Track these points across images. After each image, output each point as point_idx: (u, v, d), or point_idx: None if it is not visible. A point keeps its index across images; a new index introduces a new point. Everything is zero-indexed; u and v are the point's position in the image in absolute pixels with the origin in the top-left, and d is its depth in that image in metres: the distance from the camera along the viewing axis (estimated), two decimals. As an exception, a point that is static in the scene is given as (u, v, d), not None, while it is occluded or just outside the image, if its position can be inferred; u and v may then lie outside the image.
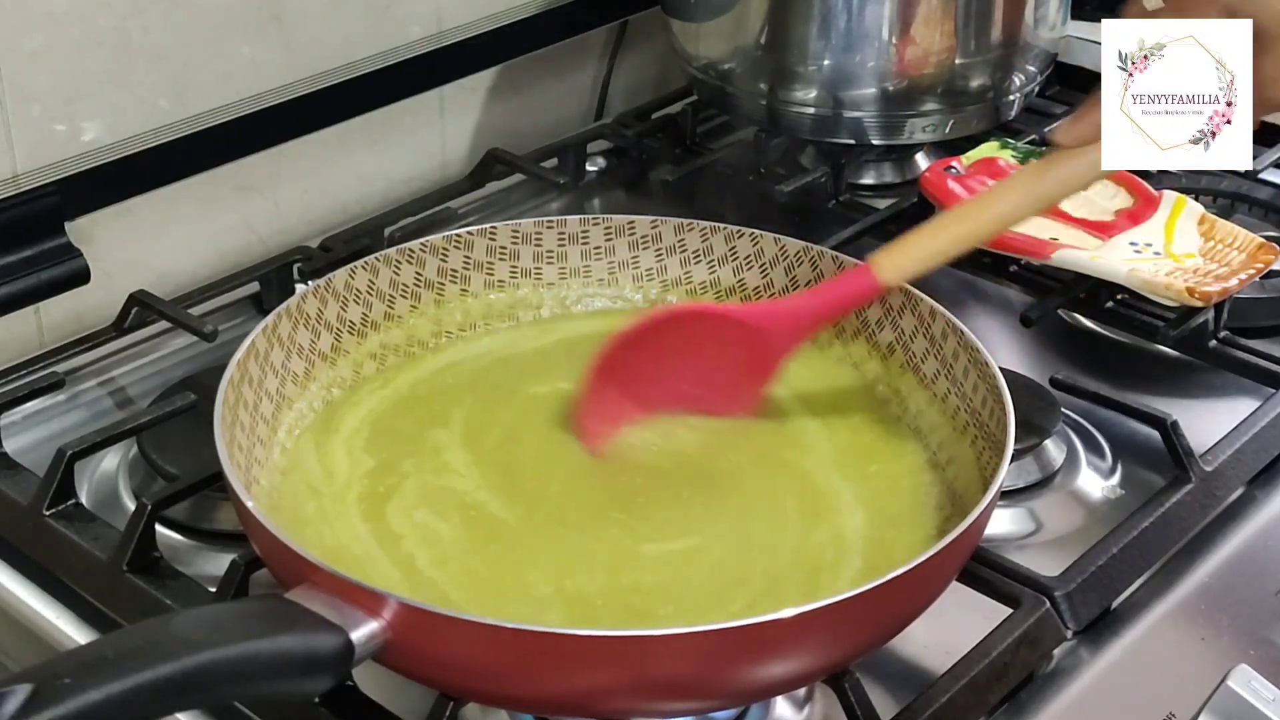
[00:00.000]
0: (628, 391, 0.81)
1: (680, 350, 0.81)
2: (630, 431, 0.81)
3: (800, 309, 0.81)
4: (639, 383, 0.81)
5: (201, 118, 1.04)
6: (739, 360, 0.81)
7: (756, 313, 0.82)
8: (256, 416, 0.77)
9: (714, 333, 0.81)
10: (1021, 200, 0.78)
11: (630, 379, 0.81)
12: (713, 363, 0.81)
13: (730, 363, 0.81)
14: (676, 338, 0.81)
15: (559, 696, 0.65)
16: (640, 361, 0.81)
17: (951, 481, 0.78)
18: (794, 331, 0.80)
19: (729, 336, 0.80)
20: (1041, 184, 0.78)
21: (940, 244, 0.79)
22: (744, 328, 0.80)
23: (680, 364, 0.81)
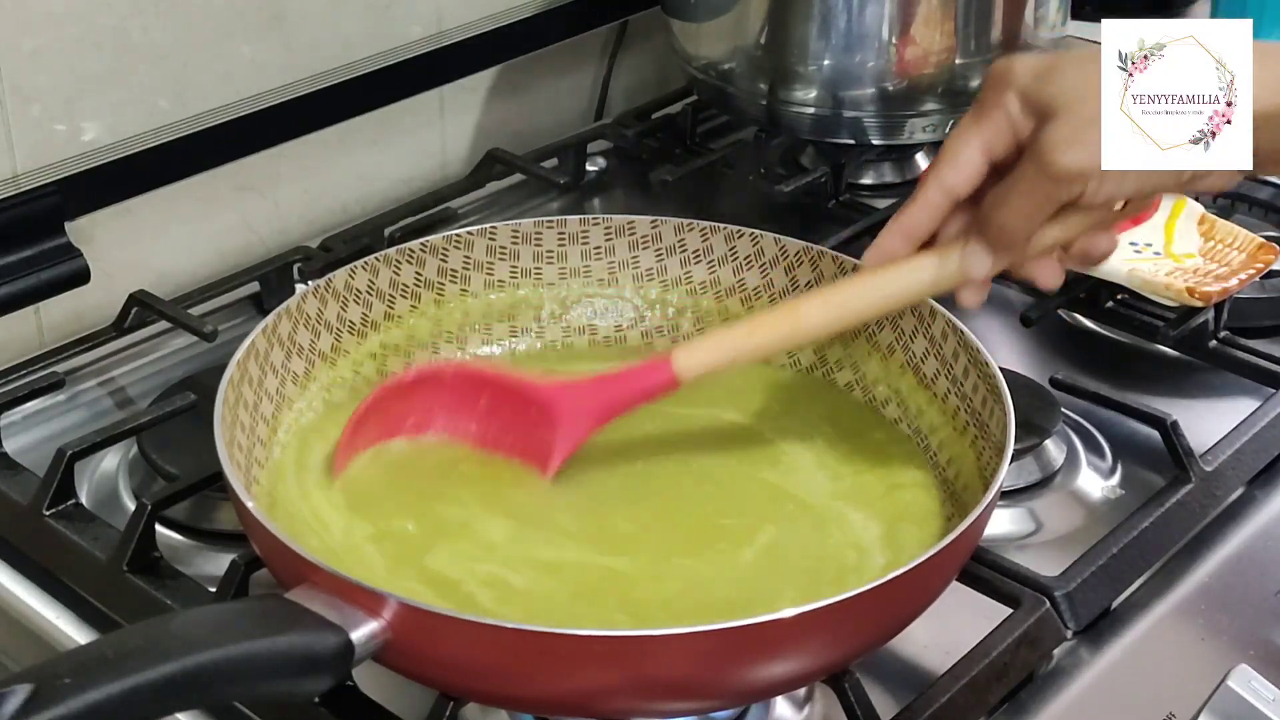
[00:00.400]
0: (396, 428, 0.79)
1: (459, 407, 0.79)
2: (633, 450, 0.81)
3: (594, 396, 0.78)
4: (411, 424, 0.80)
5: (201, 118, 1.04)
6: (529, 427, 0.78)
7: (548, 390, 0.78)
8: (256, 416, 0.77)
9: (504, 401, 0.79)
10: (830, 316, 0.77)
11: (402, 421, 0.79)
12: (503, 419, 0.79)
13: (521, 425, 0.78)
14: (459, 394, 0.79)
15: (559, 696, 0.64)
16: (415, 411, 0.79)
17: (951, 481, 0.78)
18: (585, 416, 0.78)
19: (519, 409, 0.78)
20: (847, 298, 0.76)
21: (741, 347, 0.77)
22: (533, 402, 0.78)
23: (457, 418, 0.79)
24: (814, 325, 0.78)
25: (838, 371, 0.86)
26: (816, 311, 0.77)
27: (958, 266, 0.74)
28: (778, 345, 0.81)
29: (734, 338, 0.78)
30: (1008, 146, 0.71)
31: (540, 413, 0.78)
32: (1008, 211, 0.71)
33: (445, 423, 0.80)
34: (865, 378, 0.85)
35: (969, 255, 0.73)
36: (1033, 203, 0.71)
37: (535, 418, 0.78)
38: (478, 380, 0.80)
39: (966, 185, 0.73)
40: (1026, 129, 0.70)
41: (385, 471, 0.78)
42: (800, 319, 0.77)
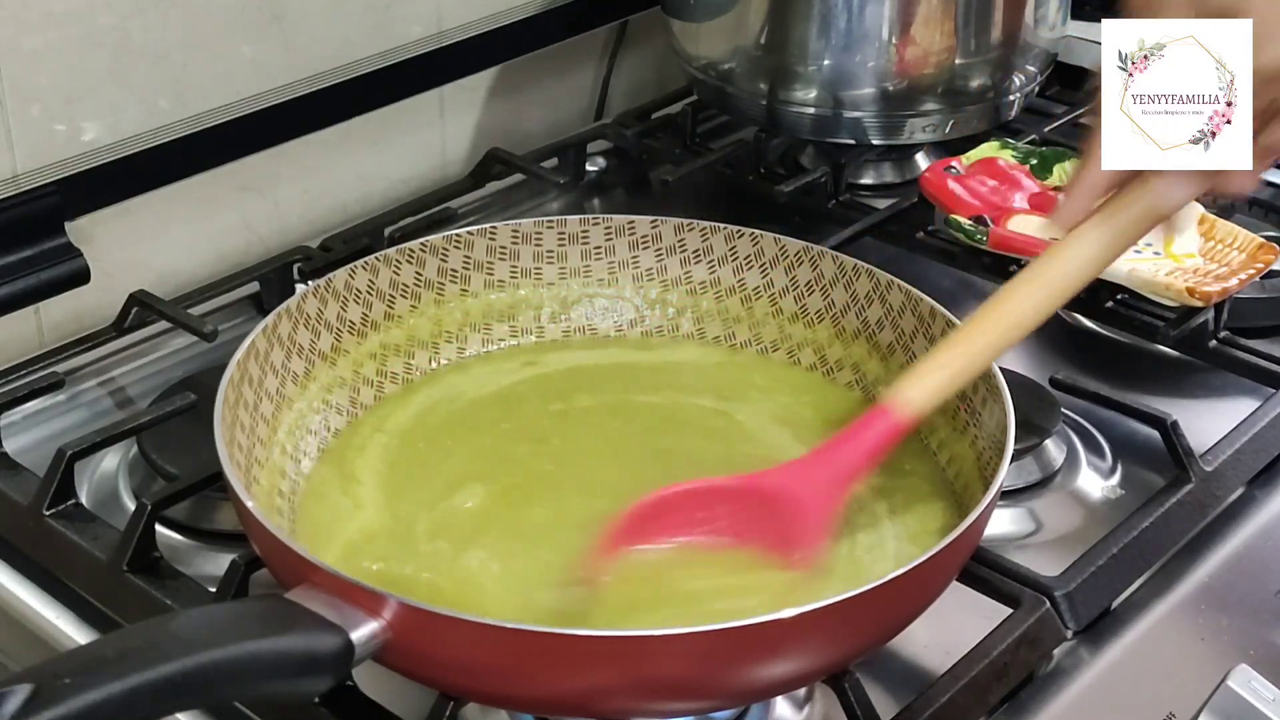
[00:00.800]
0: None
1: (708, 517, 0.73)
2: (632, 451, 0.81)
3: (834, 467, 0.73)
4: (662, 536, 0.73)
5: (201, 118, 1.04)
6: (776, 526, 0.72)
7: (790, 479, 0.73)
8: (256, 416, 0.77)
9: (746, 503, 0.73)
10: (1039, 301, 0.73)
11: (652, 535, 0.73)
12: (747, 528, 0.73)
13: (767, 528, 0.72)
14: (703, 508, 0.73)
15: (559, 696, 0.65)
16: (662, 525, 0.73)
17: (951, 481, 0.78)
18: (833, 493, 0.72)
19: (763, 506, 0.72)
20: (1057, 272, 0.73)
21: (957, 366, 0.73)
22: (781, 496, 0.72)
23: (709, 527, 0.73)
24: (1033, 311, 0.73)
25: (838, 371, 0.87)
26: (1024, 301, 0.73)
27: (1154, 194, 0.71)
28: (1001, 349, 0.74)
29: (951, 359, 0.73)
30: None
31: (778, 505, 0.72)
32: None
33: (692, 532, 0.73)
34: (865, 377, 0.85)
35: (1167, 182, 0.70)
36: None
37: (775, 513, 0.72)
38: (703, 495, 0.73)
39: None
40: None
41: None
42: (1018, 311, 0.73)
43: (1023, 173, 1.08)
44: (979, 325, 0.74)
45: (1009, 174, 1.07)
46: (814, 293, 0.87)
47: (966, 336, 0.74)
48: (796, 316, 0.88)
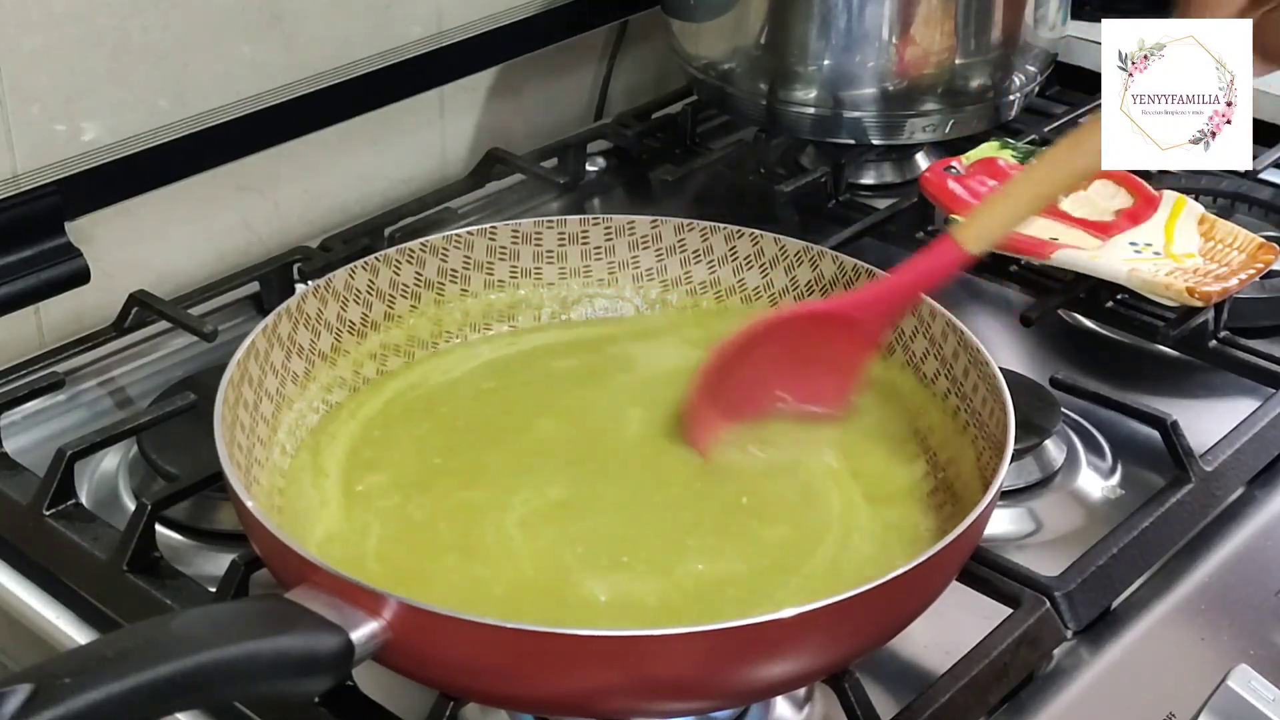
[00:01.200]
0: (726, 399, 0.80)
1: (777, 354, 0.81)
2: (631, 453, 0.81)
3: (890, 292, 0.80)
4: (738, 390, 0.81)
5: (201, 118, 1.04)
6: (832, 356, 0.80)
7: (851, 305, 0.81)
8: (256, 416, 0.77)
9: (810, 333, 0.81)
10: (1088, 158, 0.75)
11: (730, 387, 0.81)
12: (807, 362, 0.81)
13: (824, 359, 0.81)
14: (774, 342, 0.81)
15: (559, 696, 0.65)
16: (740, 370, 0.80)
17: (951, 481, 0.78)
18: (886, 315, 0.80)
19: (824, 334, 0.80)
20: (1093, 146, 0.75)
21: (1017, 205, 0.78)
22: (840, 322, 0.80)
23: (776, 367, 0.81)
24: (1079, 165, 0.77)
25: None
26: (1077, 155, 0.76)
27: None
28: (1048, 194, 0.80)
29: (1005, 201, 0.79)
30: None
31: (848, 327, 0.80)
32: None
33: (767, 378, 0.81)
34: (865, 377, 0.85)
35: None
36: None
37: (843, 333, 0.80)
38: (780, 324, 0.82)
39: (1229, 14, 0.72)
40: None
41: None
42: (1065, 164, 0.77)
43: (1023, 173, 1.08)
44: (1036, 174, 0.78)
45: (1009, 174, 1.07)
46: (814, 293, 0.87)
47: (1025, 183, 0.79)
48: (797, 316, 0.88)
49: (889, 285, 0.80)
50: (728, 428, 0.81)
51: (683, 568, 0.72)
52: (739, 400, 0.81)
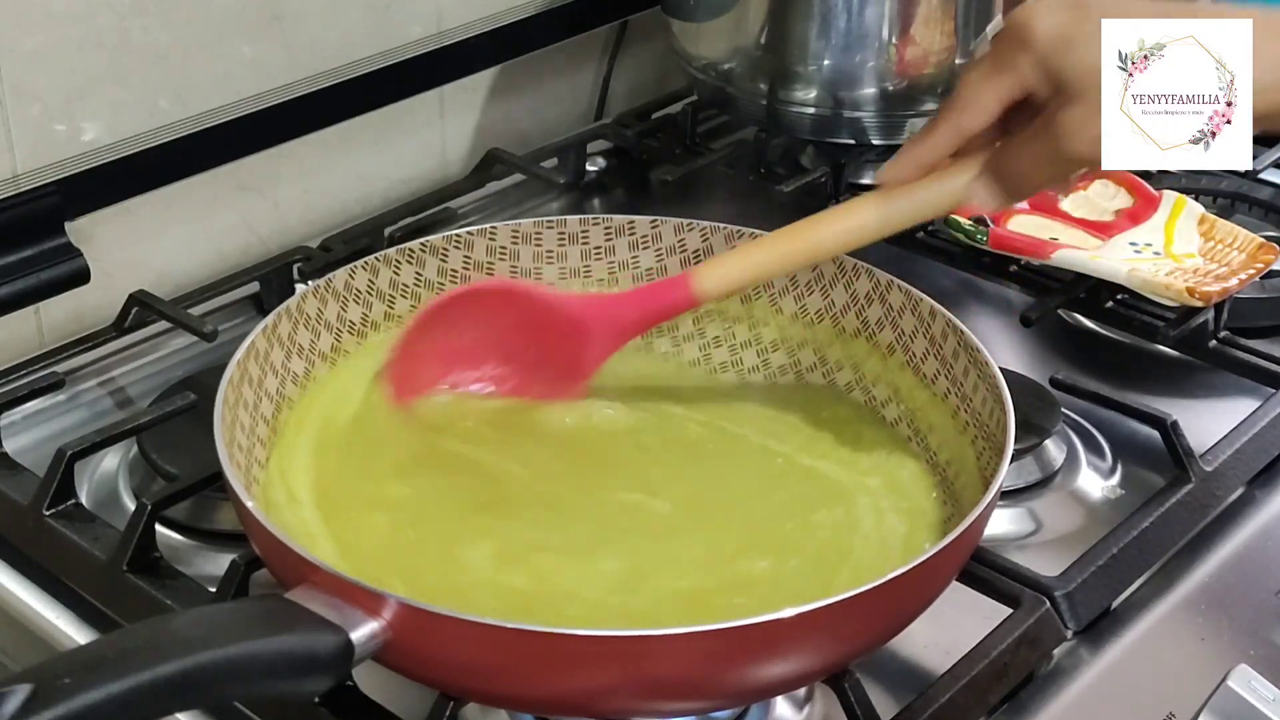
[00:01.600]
0: (442, 357, 0.82)
1: (500, 325, 0.82)
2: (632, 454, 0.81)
3: (621, 310, 0.82)
4: (455, 350, 0.82)
5: (201, 118, 1.04)
6: (556, 348, 0.82)
7: (577, 303, 0.82)
8: (256, 416, 0.77)
9: (534, 315, 0.82)
10: (846, 230, 0.79)
11: (447, 345, 0.82)
12: (531, 344, 0.82)
13: (548, 348, 0.82)
14: (498, 311, 0.82)
15: (559, 696, 0.65)
16: (458, 329, 0.82)
17: (951, 481, 0.78)
18: (613, 332, 0.81)
19: (548, 322, 0.81)
20: (866, 216, 0.78)
21: (761, 260, 0.80)
22: (562, 316, 0.81)
23: (499, 339, 0.82)
24: (831, 240, 0.79)
25: (837, 371, 0.87)
26: (833, 227, 0.79)
27: (965, 190, 0.76)
28: (796, 262, 0.81)
29: (752, 254, 0.80)
30: (1020, 95, 0.73)
31: (569, 326, 0.80)
32: (1020, 171, 0.74)
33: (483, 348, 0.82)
34: (865, 378, 0.85)
35: (979, 189, 0.75)
36: (1045, 172, 0.74)
37: (564, 332, 0.80)
38: (511, 296, 0.83)
39: (978, 126, 0.75)
40: (1043, 91, 0.72)
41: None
42: (818, 234, 0.79)
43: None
44: (790, 236, 0.80)
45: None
46: (814, 293, 0.87)
47: (776, 241, 0.80)
48: (796, 316, 0.88)
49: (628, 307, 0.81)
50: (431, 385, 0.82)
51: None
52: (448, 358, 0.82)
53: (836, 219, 0.79)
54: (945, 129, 0.76)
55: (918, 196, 0.77)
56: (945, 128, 0.76)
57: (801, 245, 0.79)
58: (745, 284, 0.81)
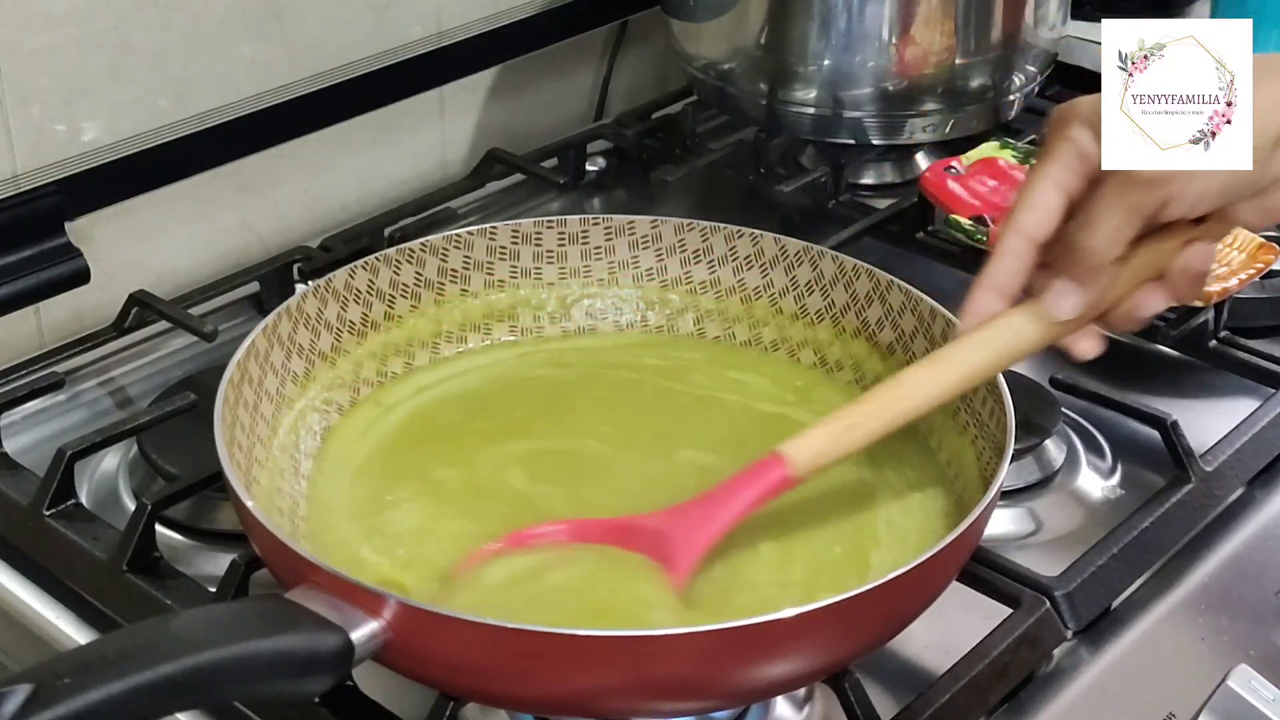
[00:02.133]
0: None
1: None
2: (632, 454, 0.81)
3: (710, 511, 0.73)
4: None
5: (201, 118, 1.04)
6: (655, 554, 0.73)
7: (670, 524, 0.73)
8: (256, 416, 0.77)
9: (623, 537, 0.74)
10: (938, 387, 0.73)
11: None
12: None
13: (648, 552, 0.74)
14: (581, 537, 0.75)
15: (559, 696, 0.65)
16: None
17: (951, 481, 0.78)
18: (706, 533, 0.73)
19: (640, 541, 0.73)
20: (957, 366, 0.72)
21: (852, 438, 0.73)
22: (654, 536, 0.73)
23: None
24: (922, 400, 0.73)
25: (838, 371, 0.87)
26: (923, 386, 0.73)
27: (1051, 299, 0.70)
28: (888, 427, 0.74)
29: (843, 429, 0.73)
30: (1081, 179, 0.69)
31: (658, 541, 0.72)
32: (1092, 231, 0.68)
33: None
34: (866, 377, 0.85)
35: (1054, 293, 0.70)
36: (1119, 216, 0.68)
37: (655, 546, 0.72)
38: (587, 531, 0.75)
39: (1045, 227, 0.70)
40: (1099, 156, 0.69)
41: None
42: (915, 394, 0.73)
43: (1022, 173, 1.08)
44: (880, 402, 0.73)
45: (1009, 174, 1.07)
46: (814, 293, 0.87)
47: (867, 411, 0.73)
48: (796, 316, 0.88)
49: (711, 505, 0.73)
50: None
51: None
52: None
53: (924, 375, 0.73)
54: (1010, 239, 0.70)
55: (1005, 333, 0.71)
56: (1010, 238, 0.70)
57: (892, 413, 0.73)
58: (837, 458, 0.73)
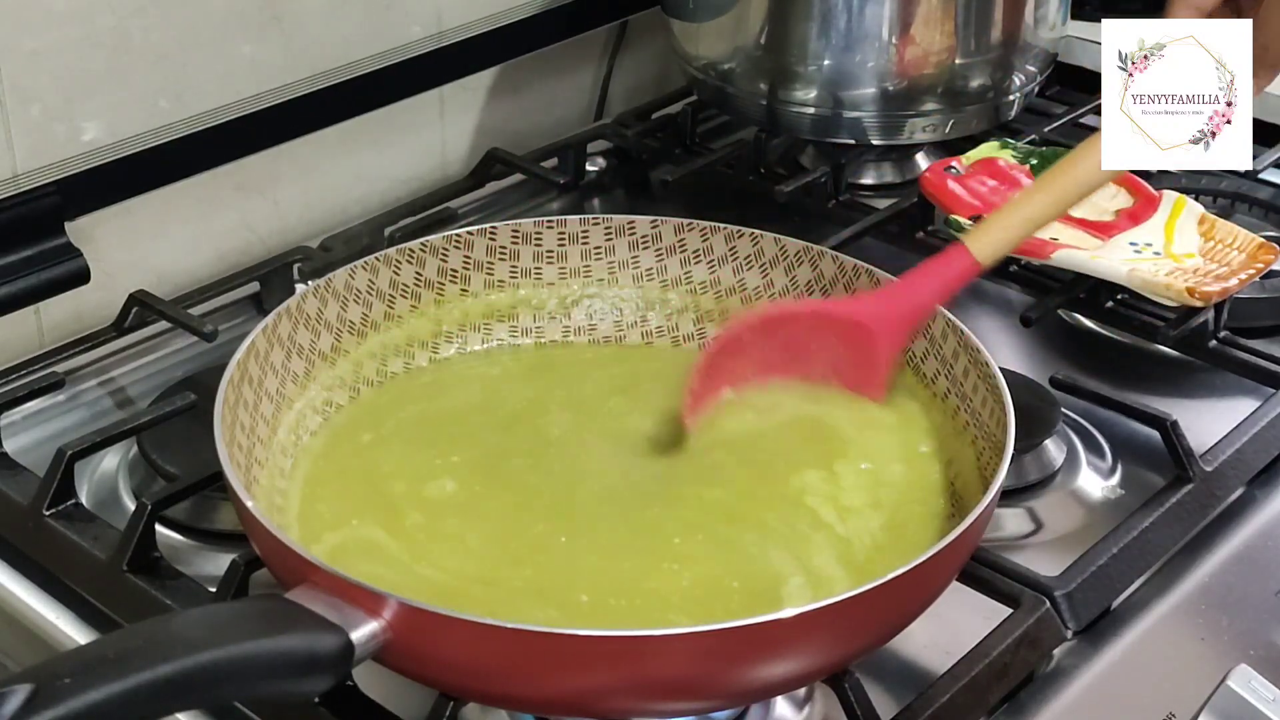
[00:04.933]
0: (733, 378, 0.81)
1: (785, 347, 0.81)
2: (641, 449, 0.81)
3: (906, 301, 0.79)
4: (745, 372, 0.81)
5: (201, 118, 1.04)
6: (847, 356, 0.80)
7: (867, 314, 0.80)
8: (256, 416, 0.77)
9: (820, 331, 0.80)
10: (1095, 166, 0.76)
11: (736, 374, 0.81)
12: (817, 358, 0.81)
13: (839, 357, 0.80)
14: (780, 336, 0.81)
15: (559, 696, 0.65)
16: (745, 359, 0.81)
17: (951, 481, 0.78)
18: (903, 327, 0.79)
19: (837, 337, 0.80)
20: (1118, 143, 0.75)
21: (1028, 213, 0.78)
22: (856, 330, 0.79)
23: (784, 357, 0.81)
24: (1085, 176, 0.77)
25: (838, 371, 0.87)
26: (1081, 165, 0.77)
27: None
28: (1058, 206, 0.80)
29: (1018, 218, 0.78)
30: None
31: (855, 336, 0.78)
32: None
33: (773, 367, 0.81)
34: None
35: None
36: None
37: (852, 343, 0.79)
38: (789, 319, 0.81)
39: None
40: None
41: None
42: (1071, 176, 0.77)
43: (1023, 173, 1.08)
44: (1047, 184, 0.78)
45: (1009, 174, 1.07)
46: (814, 293, 0.87)
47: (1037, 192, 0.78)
48: (797, 316, 0.88)
49: (907, 295, 0.79)
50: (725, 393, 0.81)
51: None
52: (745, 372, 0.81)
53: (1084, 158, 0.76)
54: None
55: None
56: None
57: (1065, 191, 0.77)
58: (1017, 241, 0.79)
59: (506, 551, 0.73)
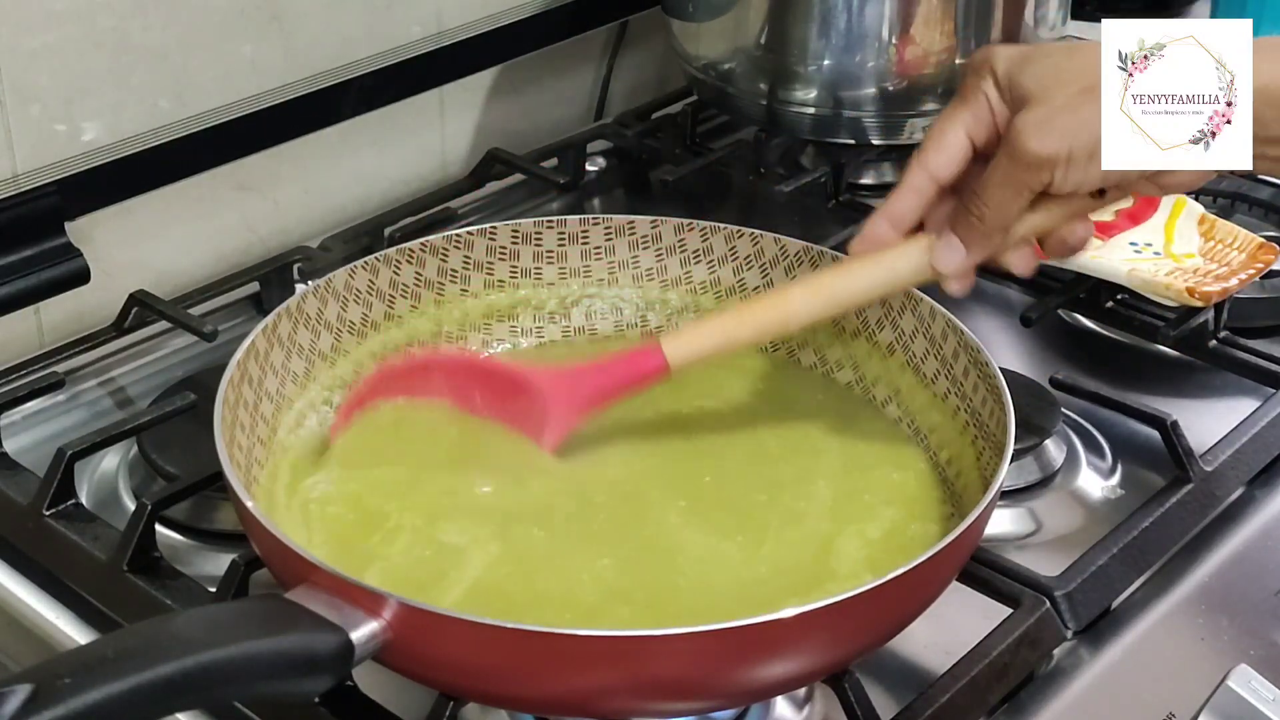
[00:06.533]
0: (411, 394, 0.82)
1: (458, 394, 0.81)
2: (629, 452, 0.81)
3: (585, 383, 0.80)
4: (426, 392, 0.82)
5: (201, 118, 1.04)
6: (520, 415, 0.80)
7: (539, 376, 0.80)
8: (256, 416, 0.77)
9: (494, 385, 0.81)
10: (818, 303, 0.78)
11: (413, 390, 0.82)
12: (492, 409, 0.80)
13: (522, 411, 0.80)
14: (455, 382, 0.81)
15: (559, 696, 0.65)
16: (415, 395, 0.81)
17: (952, 481, 0.78)
18: (577, 403, 0.79)
19: (524, 394, 0.80)
20: (834, 287, 0.77)
21: (731, 334, 0.78)
22: (535, 392, 0.79)
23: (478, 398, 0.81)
24: (803, 312, 0.78)
25: (838, 371, 0.87)
26: (805, 299, 0.78)
27: (941, 245, 0.75)
28: (767, 333, 0.82)
29: (724, 325, 0.79)
30: (989, 132, 0.73)
31: (534, 399, 0.79)
32: (983, 201, 0.72)
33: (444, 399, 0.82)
34: (865, 377, 0.85)
35: (940, 248, 0.74)
36: (1006, 191, 0.71)
37: (529, 404, 0.79)
38: (472, 369, 0.82)
39: (950, 168, 0.74)
40: (1004, 116, 0.72)
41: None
42: (789, 306, 0.78)
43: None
44: (761, 307, 0.79)
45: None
46: (814, 293, 0.87)
47: (747, 313, 0.79)
48: (796, 316, 0.88)
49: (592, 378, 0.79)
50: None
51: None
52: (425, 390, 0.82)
53: (808, 291, 0.78)
54: (915, 175, 0.74)
55: (891, 263, 0.76)
56: (915, 173, 0.74)
57: (772, 318, 0.78)
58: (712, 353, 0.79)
59: (507, 551, 0.73)
